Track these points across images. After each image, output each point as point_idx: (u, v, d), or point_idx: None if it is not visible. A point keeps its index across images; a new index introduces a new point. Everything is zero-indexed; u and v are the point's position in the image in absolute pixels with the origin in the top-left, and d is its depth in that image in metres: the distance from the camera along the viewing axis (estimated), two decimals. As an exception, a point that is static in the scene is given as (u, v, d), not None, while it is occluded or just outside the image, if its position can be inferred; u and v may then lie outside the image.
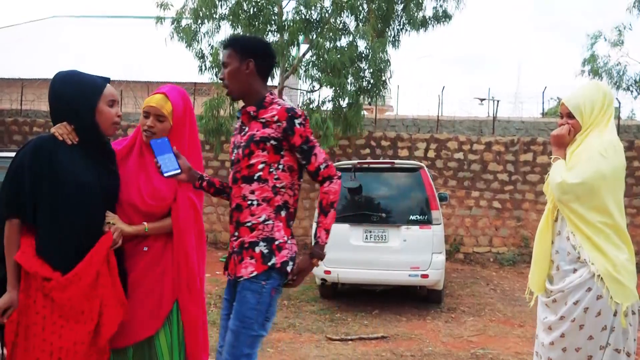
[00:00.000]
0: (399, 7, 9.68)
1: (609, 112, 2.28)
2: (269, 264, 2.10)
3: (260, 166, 2.14)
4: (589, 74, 10.59)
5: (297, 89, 10.44)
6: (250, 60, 2.18)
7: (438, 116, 10.79)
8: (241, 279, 2.12)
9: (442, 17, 9.74)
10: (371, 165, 6.37)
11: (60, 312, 1.98)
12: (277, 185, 2.15)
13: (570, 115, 2.31)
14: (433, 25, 9.82)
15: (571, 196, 2.18)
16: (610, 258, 2.14)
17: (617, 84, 10.24)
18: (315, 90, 9.59)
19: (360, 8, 9.31)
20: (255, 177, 2.15)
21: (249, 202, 2.16)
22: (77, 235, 2.05)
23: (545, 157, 9.85)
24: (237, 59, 2.18)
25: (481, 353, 4.57)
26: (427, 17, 9.71)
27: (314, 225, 5.97)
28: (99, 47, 16.07)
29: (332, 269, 5.84)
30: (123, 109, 11.61)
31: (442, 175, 9.98)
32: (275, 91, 10.30)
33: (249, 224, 2.15)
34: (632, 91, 10.04)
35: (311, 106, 9.47)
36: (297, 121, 2.14)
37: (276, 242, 2.12)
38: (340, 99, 9.21)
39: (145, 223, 2.20)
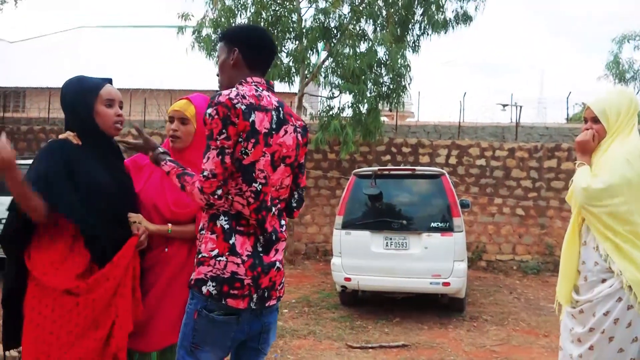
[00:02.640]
0: (419, 12, 9.64)
1: (634, 119, 2.24)
2: (190, 279, 1.86)
3: None
4: (614, 78, 10.38)
5: (318, 96, 10.47)
6: (235, 49, 1.95)
7: (460, 122, 10.68)
8: None
9: (463, 18, 9.65)
10: (392, 172, 6.33)
11: (77, 320, 1.97)
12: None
13: (595, 120, 2.27)
14: (453, 27, 9.72)
15: (596, 202, 2.13)
16: None
17: (645, 88, 10.04)
18: (335, 97, 9.61)
19: (379, 13, 9.33)
20: None
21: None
22: (101, 235, 2.05)
23: (570, 163, 9.66)
24: (225, 50, 1.98)
25: (505, 363, 4.48)
26: (447, 18, 9.63)
27: (336, 232, 5.98)
28: (124, 57, 16.41)
29: (352, 276, 5.82)
30: (147, 117, 11.81)
31: (464, 182, 9.88)
32: (295, 98, 10.37)
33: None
34: (660, 95, 9.85)
35: (331, 113, 9.48)
36: (207, 111, 1.80)
37: (199, 256, 1.85)
38: (360, 105, 9.21)
39: (169, 224, 2.23)
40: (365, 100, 8.95)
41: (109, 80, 2.21)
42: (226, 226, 1.82)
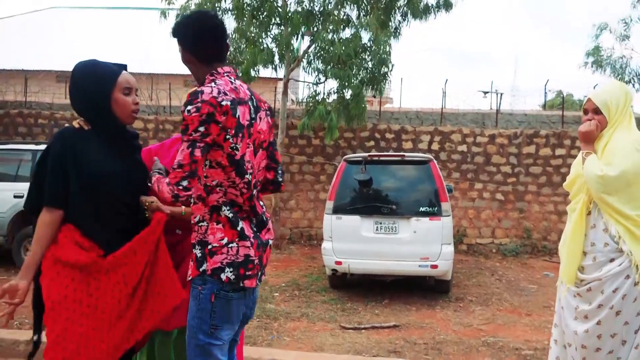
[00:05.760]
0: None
1: (630, 110, 2.42)
2: (200, 269, 1.91)
3: None
4: (592, 66, 10.70)
5: (303, 82, 10.49)
6: (181, 46, 1.96)
7: (442, 109, 10.87)
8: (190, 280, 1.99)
9: (444, 4, 9.76)
10: (381, 158, 6.46)
11: (110, 302, 2.01)
12: (208, 183, 1.91)
13: (596, 111, 2.43)
14: (435, 14, 9.83)
15: (611, 189, 2.29)
16: None
17: (620, 76, 10.37)
18: (321, 83, 9.64)
19: (363, -2, 9.35)
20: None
21: (192, 201, 1.96)
22: (109, 223, 2.07)
23: (548, 149, 9.97)
24: (180, 49, 1.99)
25: (492, 341, 4.69)
26: (429, 4, 9.72)
27: (326, 217, 6.06)
28: (101, 39, 16.02)
29: (343, 259, 5.95)
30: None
31: (446, 168, 10.08)
32: (281, 83, 10.36)
33: (193, 224, 1.99)
34: (634, 84, 10.18)
35: (317, 98, 9.53)
36: (187, 107, 1.82)
37: (209, 247, 1.90)
38: (344, 91, 9.27)
39: (183, 207, 2.24)
40: (350, 86, 9.01)
41: (124, 67, 2.19)
42: (230, 215, 1.91)
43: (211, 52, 1.96)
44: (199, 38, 1.93)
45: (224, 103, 1.82)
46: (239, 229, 1.91)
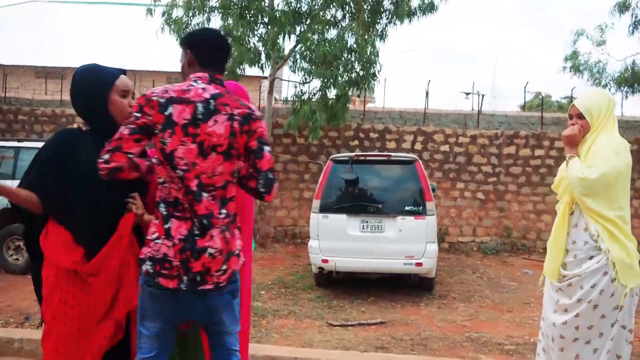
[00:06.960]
0: (388, 1, 9.82)
1: (613, 116, 2.56)
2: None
3: None
4: (570, 71, 11.00)
5: (289, 81, 10.54)
6: (188, 50, 2.14)
7: (425, 109, 11.03)
8: None
9: (428, 8, 9.90)
10: (368, 158, 6.56)
11: (95, 305, 2.12)
12: (157, 180, 2.06)
13: (580, 117, 2.57)
14: (418, 17, 9.97)
15: (592, 191, 2.43)
16: (627, 247, 2.44)
17: (597, 81, 10.69)
18: (307, 82, 9.71)
19: (348, 0, 9.44)
20: None
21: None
22: (97, 220, 2.14)
23: (527, 150, 10.22)
24: (182, 54, 2.18)
25: (475, 336, 4.83)
26: (413, 8, 9.85)
27: (313, 216, 6.16)
28: (83, 35, 15.78)
29: (329, 257, 6.04)
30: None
31: (429, 167, 10.25)
32: (266, 82, 10.39)
33: None
34: (610, 88, 10.50)
35: (303, 98, 9.59)
36: None
37: (146, 238, 2.06)
38: (327, 90, 9.34)
39: None
40: (336, 86, 9.09)
41: (123, 72, 2.29)
42: (164, 212, 2.01)
43: (215, 59, 2.14)
44: (211, 44, 2.15)
45: (154, 99, 1.99)
46: (166, 227, 2.00)
